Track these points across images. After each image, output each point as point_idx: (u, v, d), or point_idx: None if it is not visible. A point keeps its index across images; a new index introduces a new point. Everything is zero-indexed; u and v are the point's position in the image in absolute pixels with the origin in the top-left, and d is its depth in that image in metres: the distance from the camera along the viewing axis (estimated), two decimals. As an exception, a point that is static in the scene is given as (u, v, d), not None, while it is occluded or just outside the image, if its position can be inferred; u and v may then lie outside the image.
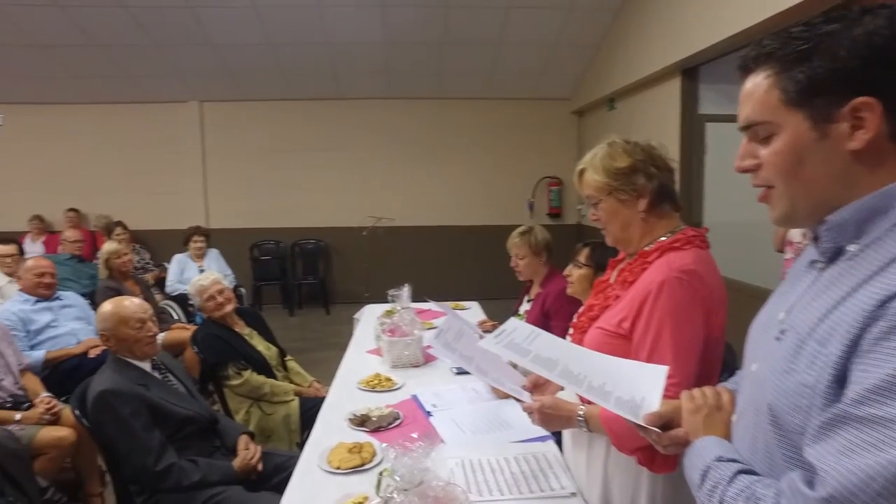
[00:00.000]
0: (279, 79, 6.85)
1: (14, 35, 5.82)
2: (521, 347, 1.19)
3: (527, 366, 1.17)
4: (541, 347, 1.19)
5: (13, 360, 2.81)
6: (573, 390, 1.13)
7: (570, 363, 1.12)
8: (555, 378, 1.12)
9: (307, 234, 7.60)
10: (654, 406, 0.98)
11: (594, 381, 1.07)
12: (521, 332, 1.24)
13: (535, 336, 1.23)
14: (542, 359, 1.15)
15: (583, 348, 1.27)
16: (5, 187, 7.34)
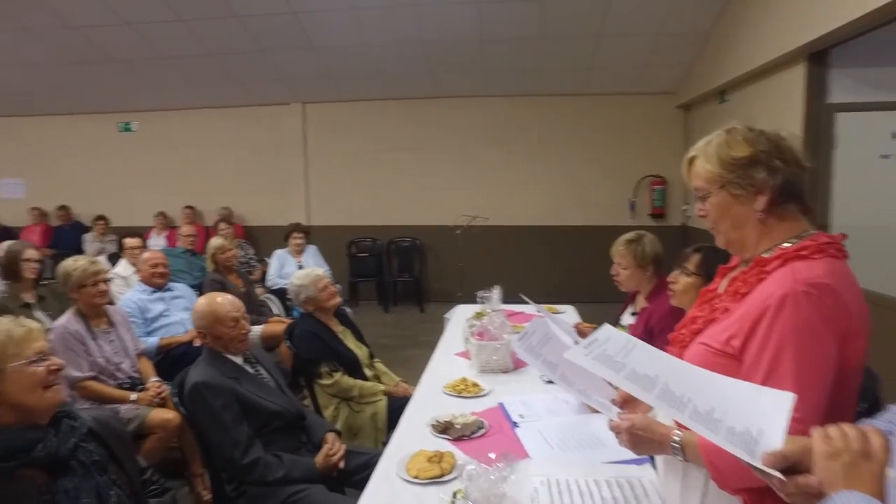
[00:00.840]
0: (377, 79, 6.98)
1: (146, 49, 6.39)
2: (614, 361, 1.04)
3: (620, 384, 1.02)
4: (637, 361, 1.03)
5: (131, 344, 3.03)
6: (673, 417, 0.96)
7: (671, 382, 0.97)
8: (652, 401, 0.97)
9: (403, 233, 7.70)
10: (776, 443, 0.82)
11: (700, 406, 0.91)
12: (616, 343, 1.09)
13: (632, 347, 1.07)
14: (638, 375, 1.00)
15: (688, 364, 1.09)
16: (137, 187, 8.12)
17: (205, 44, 6.25)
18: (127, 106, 7.88)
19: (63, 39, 6.24)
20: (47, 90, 7.50)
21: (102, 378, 2.79)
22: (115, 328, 2.96)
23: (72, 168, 8.34)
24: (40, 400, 1.40)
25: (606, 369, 1.04)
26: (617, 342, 1.09)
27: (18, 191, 8.62)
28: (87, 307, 2.85)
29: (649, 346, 1.09)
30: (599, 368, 1.06)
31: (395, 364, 3.30)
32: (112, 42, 6.25)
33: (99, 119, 8.09)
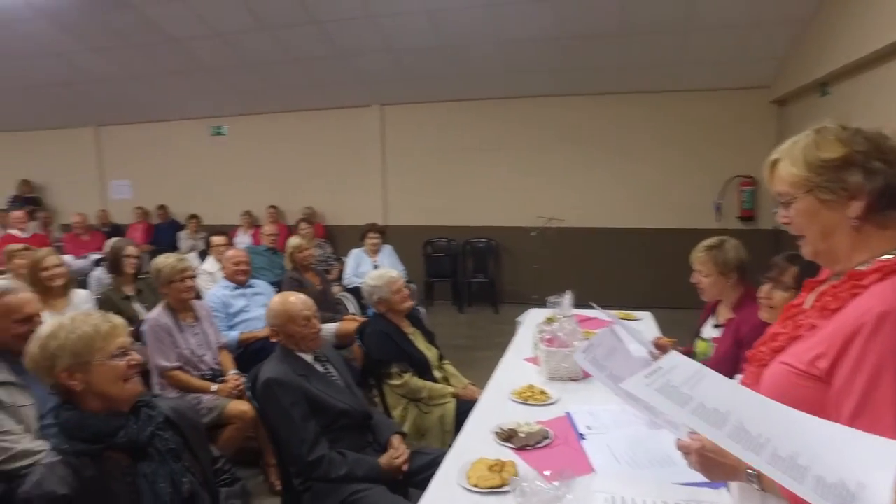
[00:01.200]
0: (453, 80, 6.99)
1: (235, 58, 6.75)
2: (679, 392, 0.94)
3: (685, 420, 0.92)
4: (707, 394, 0.92)
5: (213, 338, 3.20)
6: (749, 460, 0.85)
7: (746, 419, 0.86)
8: (722, 440, 0.87)
9: (478, 233, 7.68)
10: (882, 501, 0.71)
11: (781, 449, 0.80)
12: (682, 372, 0.98)
13: (700, 378, 0.96)
14: (707, 410, 0.89)
15: (768, 400, 0.96)
16: (226, 187, 8.63)
17: (288, 50, 6.51)
18: (219, 111, 8.39)
19: (165, 52, 6.70)
20: (152, 99, 8.11)
21: (187, 369, 2.96)
22: (200, 322, 3.13)
23: (170, 170, 8.98)
24: (121, 391, 1.49)
25: (670, 402, 0.94)
26: (684, 371, 0.99)
27: (126, 191, 9.38)
28: (175, 302, 3.03)
29: (721, 376, 0.98)
30: (661, 401, 0.96)
31: (466, 365, 3.29)
32: (206, 52, 6.66)
33: (194, 124, 8.67)
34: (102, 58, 7.01)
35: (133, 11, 5.90)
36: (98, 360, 1.47)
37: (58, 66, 7.28)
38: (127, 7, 5.83)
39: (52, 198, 9.86)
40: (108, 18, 6.08)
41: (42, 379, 1.49)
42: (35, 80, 7.72)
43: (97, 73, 7.40)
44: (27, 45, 6.81)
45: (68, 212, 9.34)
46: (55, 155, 9.62)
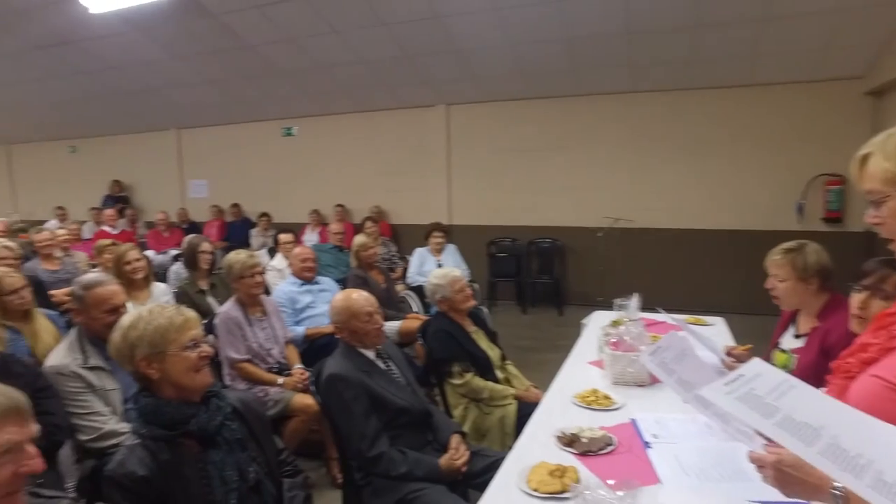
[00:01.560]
0: (519, 78, 6.92)
1: (305, 60, 6.95)
2: (763, 403, 0.87)
3: (770, 432, 0.85)
4: (795, 406, 0.85)
5: (280, 332, 3.30)
6: (847, 482, 0.78)
7: (843, 436, 0.78)
8: (813, 458, 0.80)
9: (543, 233, 7.58)
10: None
11: (889, 473, 0.72)
12: (767, 381, 0.91)
13: (788, 388, 0.90)
14: (795, 424, 0.82)
15: (869, 416, 0.87)
16: (295, 186, 8.93)
17: (356, 52, 6.64)
18: (289, 113, 8.68)
19: (239, 57, 6.99)
20: (226, 102, 8.50)
21: (256, 361, 3.07)
22: (268, 317, 3.24)
23: (243, 170, 9.38)
24: (192, 381, 1.56)
25: (752, 413, 0.88)
26: (769, 380, 0.92)
27: (203, 190, 9.88)
28: (245, 296, 3.15)
29: (812, 388, 0.91)
30: (744, 411, 0.89)
31: (529, 367, 3.24)
32: (278, 56, 6.89)
33: (266, 125, 9.01)
34: (184, 64, 7.41)
35: (212, 20, 6.19)
36: (172, 350, 1.54)
37: (146, 73, 7.75)
38: (207, 16, 6.12)
39: (138, 197, 10.53)
40: (190, 27, 6.41)
41: (123, 366, 1.58)
42: (126, 88, 8.27)
43: (179, 79, 7.83)
44: (120, 56, 7.30)
45: (152, 210, 9.96)
46: (142, 157, 10.28)
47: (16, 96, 9.06)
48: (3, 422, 1.05)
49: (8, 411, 1.06)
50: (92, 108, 9.24)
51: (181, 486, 1.48)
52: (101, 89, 8.40)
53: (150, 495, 1.43)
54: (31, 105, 9.39)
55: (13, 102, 9.36)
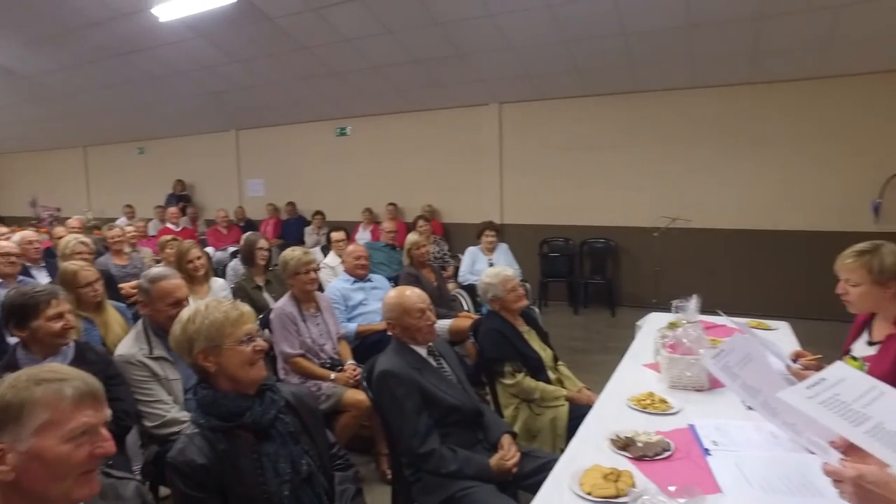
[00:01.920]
0: (573, 76, 6.82)
1: (360, 61, 7.06)
2: (850, 409, 0.82)
3: (860, 441, 0.80)
4: (887, 414, 0.79)
5: (333, 328, 3.35)
6: None
7: None
8: None
9: (597, 233, 7.44)
10: None
11: None
12: (854, 387, 0.85)
13: (878, 395, 0.84)
14: (888, 434, 0.77)
15: None
16: (348, 185, 9.08)
17: (410, 52, 6.69)
18: (343, 113, 8.83)
19: (295, 59, 7.17)
20: (283, 103, 8.73)
21: (309, 356, 3.13)
22: (322, 313, 3.30)
23: (298, 169, 9.62)
24: (247, 374, 1.59)
25: (840, 419, 0.83)
26: (856, 386, 0.86)
27: (260, 189, 10.19)
28: (299, 292, 3.22)
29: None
30: (829, 417, 0.84)
31: (580, 369, 3.18)
32: (333, 57, 7.02)
33: (320, 126, 9.20)
34: (243, 67, 7.65)
35: (270, 23, 6.36)
36: (227, 344, 1.58)
37: (207, 77, 8.05)
38: (265, 20, 6.30)
39: (199, 195, 10.96)
40: (249, 31, 6.62)
41: (183, 358, 1.64)
42: (190, 91, 8.62)
43: (238, 81, 8.10)
44: (185, 61, 7.62)
45: (211, 208, 10.34)
46: (203, 157, 10.70)
47: (92, 102, 9.61)
48: (80, 405, 1.10)
49: (85, 395, 1.11)
50: (158, 112, 9.69)
51: (237, 475, 1.52)
52: (167, 93, 8.79)
53: (209, 483, 1.47)
54: (106, 110, 9.93)
55: (90, 107, 9.93)
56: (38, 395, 1.05)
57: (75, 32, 7.16)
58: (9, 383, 1.06)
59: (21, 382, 1.07)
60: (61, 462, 1.05)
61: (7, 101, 10.25)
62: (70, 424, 1.07)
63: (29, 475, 1.04)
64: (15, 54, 8.20)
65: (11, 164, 14.30)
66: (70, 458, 1.06)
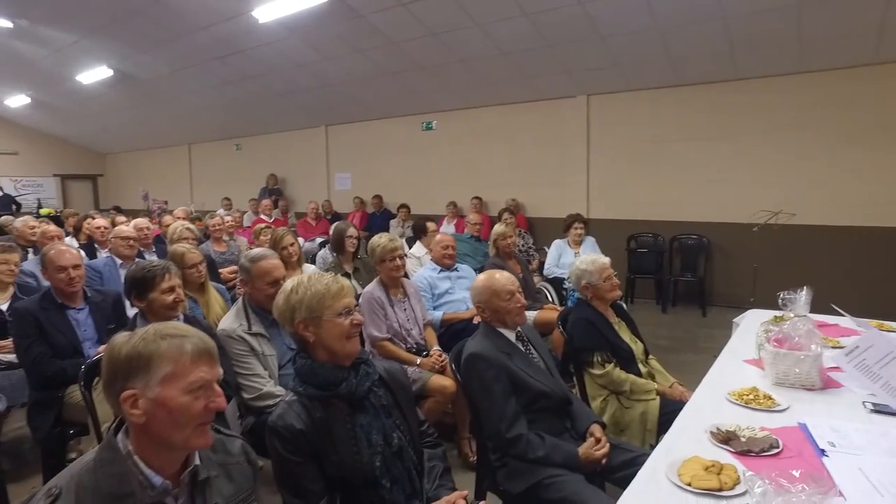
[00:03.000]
0: (666, 65, 6.53)
1: (447, 55, 7.10)
2: None
3: None
4: None
5: (420, 315, 3.40)
6: None
7: None
8: None
9: (688, 229, 7.11)
10: None
11: None
12: None
13: None
14: None
15: None
16: (432, 178, 9.20)
17: (497, 44, 6.65)
18: (429, 107, 8.94)
19: (384, 54, 7.32)
20: (370, 99, 8.96)
21: (396, 341, 3.19)
22: (409, 299, 3.35)
23: (384, 163, 9.85)
24: (343, 347, 1.63)
25: None
26: None
27: (347, 183, 10.53)
28: (387, 278, 3.29)
29: None
30: None
31: (669, 367, 3.03)
32: (420, 51, 7.11)
33: (406, 120, 9.36)
34: (333, 64, 7.91)
35: (360, 20, 6.53)
36: (327, 316, 1.63)
37: (300, 75, 8.40)
38: (356, 17, 6.48)
39: (289, 189, 11.46)
40: (340, 29, 6.83)
41: (285, 327, 1.70)
42: (283, 89, 9.04)
43: (327, 78, 8.38)
44: (280, 60, 7.99)
45: (301, 201, 10.81)
46: (293, 152, 11.20)
47: (197, 101, 10.29)
48: (198, 361, 1.17)
49: (203, 352, 1.18)
50: (254, 109, 10.23)
51: (332, 443, 1.57)
52: (262, 91, 9.26)
53: (306, 448, 1.53)
54: (208, 109, 10.61)
55: (195, 107, 10.65)
56: (163, 349, 1.14)
57: (183, 37, 7.69)
58: (140, 336, 1.15)
59: (149, 336, 1.15)
60: (182, 411, 1.13)
61: (126, 104, 11.19)
62: (189, 378, 1.14)
63: (156, 421, 1.12)
64: (133, 61, 8.93)
65: (127, 161, 15.62)
66: (189, 408, 1.13)
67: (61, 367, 2.80)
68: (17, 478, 3.05)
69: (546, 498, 1.97)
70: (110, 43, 8.41)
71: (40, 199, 14.41)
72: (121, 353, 1.13)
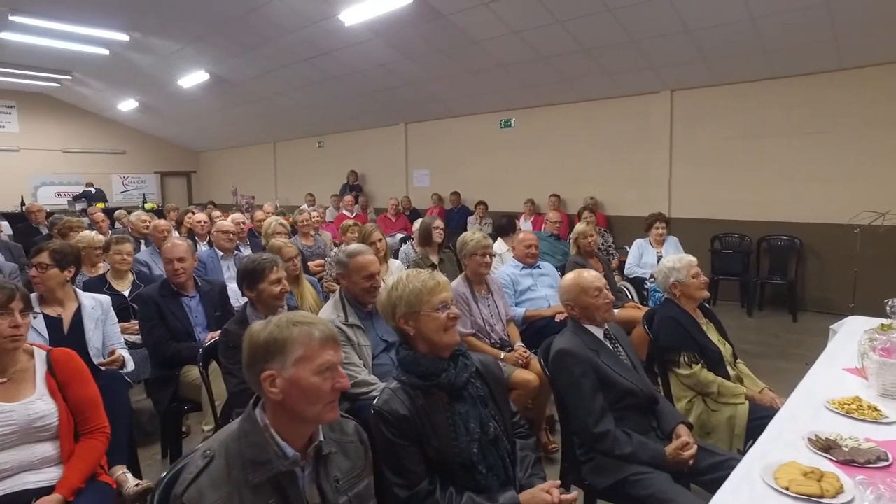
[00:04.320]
0: (759, 57, 6.24)
1: (527, 53, 7.12)
2: None
3: None
4: None
5: (503, 311, 3.48)
6: None
7: None
8: None
9: (778, 229, 6.79)
10: None
11: None
12: None
13: None
14: None
15: None
16: (511, 176, 9.23)
17: (579, 41, 6.60)
18: (507, 105, 8.97)
19: (465, 53, 7.43)
20: (450, 97, 9.10)
21: (480, 336, 3.28)
22: (492, 295, 3.43)
23: (462, 160, 9.96)
24: (441, 339, 1.74)
25: None
26: None
27: (425, 179, 10.74)
28: (472, 274, 3.39)
29: None
30: None
31: (755, 373, 2.94)
32: (501, 50, 7.16)
33: (485, 118, 9.43)
34: (414, 63, 8.10)
35: (443, 20, 6.66)
36: (425, 311, 1.75)
37: (382, 74, 8.66)
38: (439, 17, 6.61)
39: (369, 185, 11.82)
40: (422, 29, 6.99)
41: (388, 321, 1.83)
42: (365, 88, 9.34)
43: (408, 77, 8.59)
44: (363, 61, 8.28)
45: (380, 197, 11.12)
46: (373, 149, 11.53)
47: (284, 101, 10.82)
48: (325, 345, 1.31)
49: (328, 338, 1.32)
50: (337, 108, 10.62)
51: (432, 429, 1.67)
52: (345, 91, 9.60)
53: (409, 432, 1.64)
54: (294, 108, 11.12)
55: (281, 107, 11.20)
56: (295, 334, 1.28)
57: (273, 41, 8.12)
58: (275, 323, 1.30)
59: (283, 323, 1.30)
60: (313, 390, 1.27)
61: (219, 105, 11.94)
62: (318, 360, 1.28)
63: (291, 398, 1.27)
64: (227, 65, 9.52)
65: (218, 159, 16.60)
66: (319, 388, 1.28)
67: (177, 350, 3.10)
68: (138, 444, 3.39)
69: (632, 494, 2.00)
70: (209, 49, 9.01)
71: (145, 195, 15.59)
72: (259, 338, 1.29)
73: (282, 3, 6.94)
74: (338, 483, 1.38)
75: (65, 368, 2.01)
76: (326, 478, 1.36)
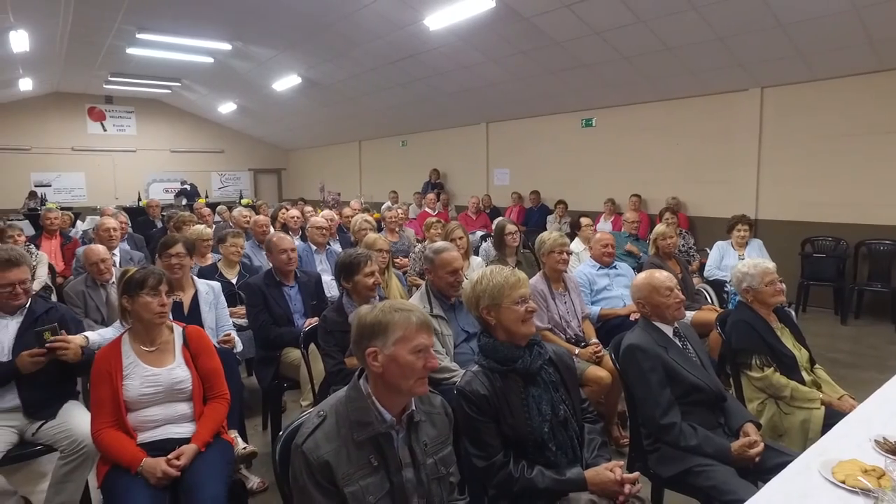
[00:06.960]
0: (866, 49, 5.88)
1: (610, 53, 7.12)
2: None
3: None
4: None
5: (579, 308, 3.62)
6: None
7: None
8: None
9: (880, 233, 6.41)
10: None
11: None
12: None
13: None
14: None
15: None
16: (591, 175, 9.23)
17: (663, 40, 6.53)
18: (589, 104, 8.98)
19: (545, 54, 7.52)
20: (530, 97, 9.20)
21: (556, 331, 3.44)
22: (569, 293, 3.58)
23: (542, 159, 10.04)
24: (519, 329, 1.94)
25: None
26: None
27: (505, 178, 10.89)
28: (550, 271, 3.55)
29: None
30: None
31: (845, 384, 2.87)
32: (582, 50, 7.20)
33: (566, 117, 9.47)
34: (496, 65, 8.28)
35: (525, 22, 6.80)
36: (505, 303, 1.96)
37: (464, 76, 8.90)
38: (520, 20, 6.76)
39: (450, 183, 12.11)
40: (505, 32, 7.15)
41: (471, 312, 2.05)
42: (448, 89, 9.63)
43: (491, 78, 8.78)
44: (446, 63, 8.56)
45: (461, 195, 11.39)
46: (455, 148, 11.81)
47: (370, 102, 11.32)
48: (420, 329, 1.54)
49: (424, 324, 1.55)
50: (420, 108, 10.99)
51: (508, 408, 1.87)
52: (429, 92, 9.93)
53: (488, 411, 1.85)
54: (379, 108, 11.61)
55: (367, 108, 11.72)
56: (396, 319, 1.52)
57: (362, 46, 8.55)
58: (379, 308, 1.56)
59: (386, 308, 1.55)
60: (408, 366, 1.50)
61: (309, 106, 12.65)
62: (414, 342, 1.52)
63: (389, 372, 1.51)
64: (318, 69, 10.11)
65: (305, 156, 17.52)
66: (413, 365, 1.51)
67: (279, 333, 3.46)
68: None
69: (695, 484, 2.10)
70: (302, 55, 9.61)
71: (241, 191, 16.71)
72: (366, 319, 1.54)
73: (370, 10, 7.32)
74: (426, 447, 1.61)
75: (196, 342, 2.38)
76: (417, 441, 1.59)
